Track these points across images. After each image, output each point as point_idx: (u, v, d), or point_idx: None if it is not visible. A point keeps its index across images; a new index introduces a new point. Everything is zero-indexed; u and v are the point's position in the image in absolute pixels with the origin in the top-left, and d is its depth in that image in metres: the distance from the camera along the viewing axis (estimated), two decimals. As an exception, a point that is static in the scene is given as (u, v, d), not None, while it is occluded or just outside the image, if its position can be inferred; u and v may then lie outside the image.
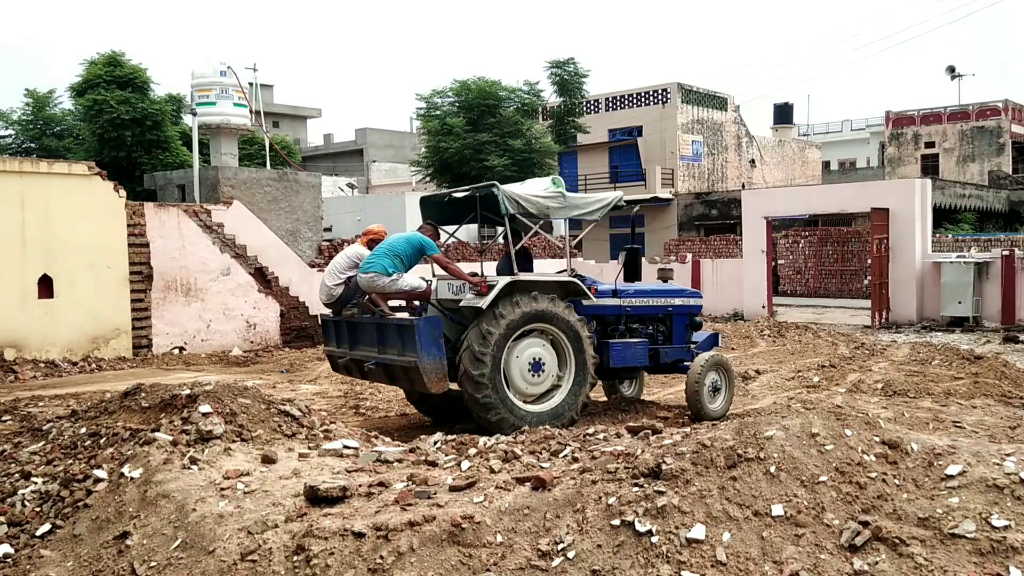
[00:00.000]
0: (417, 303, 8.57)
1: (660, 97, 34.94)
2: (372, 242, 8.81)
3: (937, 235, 25.65)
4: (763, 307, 20.23)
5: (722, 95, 37.49)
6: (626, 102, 35.99)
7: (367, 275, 8.08)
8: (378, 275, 8.01)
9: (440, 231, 9.33)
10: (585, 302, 8.71)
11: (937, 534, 3.29)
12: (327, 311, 9.14)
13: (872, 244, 19.03)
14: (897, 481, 3.48)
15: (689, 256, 23.28)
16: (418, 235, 8.46)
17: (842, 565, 3.15)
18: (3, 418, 7.59)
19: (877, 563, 3.13)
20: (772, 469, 3.43)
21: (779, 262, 28.35)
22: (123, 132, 21.95)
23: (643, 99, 35.52)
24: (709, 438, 3.60)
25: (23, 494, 4.80)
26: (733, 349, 14.78)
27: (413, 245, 8.27)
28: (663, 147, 34.78)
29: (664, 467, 3.53)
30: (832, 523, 3.28)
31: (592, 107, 35.51)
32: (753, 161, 39.40)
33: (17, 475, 5.03)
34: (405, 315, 8.36)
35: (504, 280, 7.97)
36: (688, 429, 4.31)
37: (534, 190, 8.64)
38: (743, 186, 35.97)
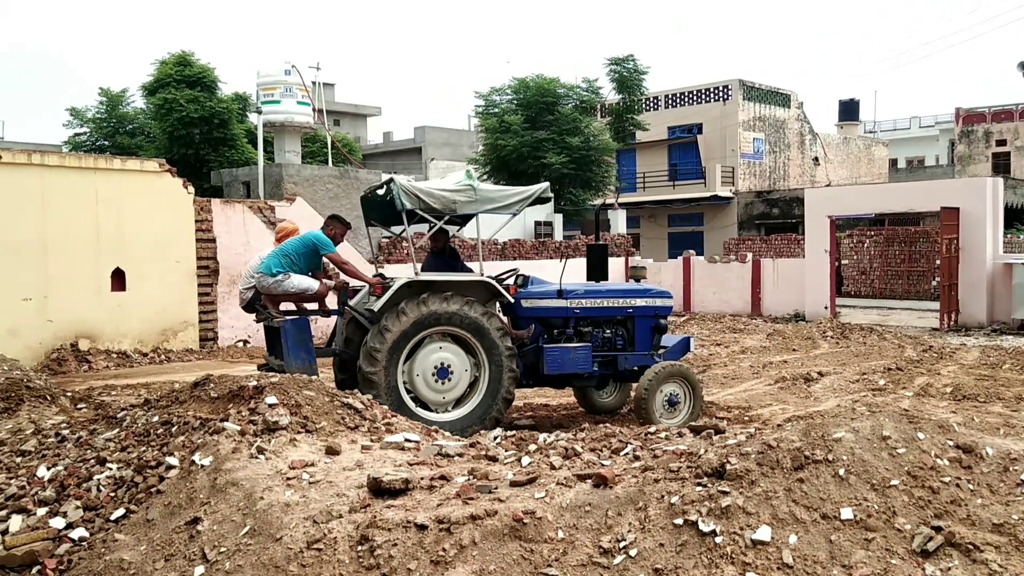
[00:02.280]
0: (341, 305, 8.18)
1: (721, 94, 34.50)
2: (283, 240, 8.47)
3: (1009, 236, 24.86)
4: (825, 308, 19.83)
5: (785, 91, 36.86)
6: (686, 99, 35.62)
7: (256, 275, 7.84)
8: (263, 275, 7.72)
9: (372, 228, 8.84)
10: (525, 303, 8.24)
11: (1012, 540, 3.20)
12: None
13: (941, 244, 18.52)
14: (971, 486, 3.39)
15: (749, 255, 22.95)
16: (315, 233, 8.07)
17: (913, 570, 3.08)
18: (79, 406, 7.85)
19: (950, 569, 3.05)
20: (841, 472, 3.37)
21: (843, 262, 27.78)
22: (192, 130, 22.52)
23: (703, 96, 35.12)
24: (775, 439, 3.55)
25: (98, 479, 4.96)
26: (794, 350, 14.53)
27: (305, 244, 7.92)
28: (723, 145, 34.35)
29: (728, 467, 3.50)
30: (903, 528, 3.21)
31: (651, 104, 35.23)
32: (817, 159, 38.65)
33: (93, 461, 5.20)
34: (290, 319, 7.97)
35: (400, 281, 7.59)
36: (752, 429, 4.26)
37: (441, 184, 8.16)
38: (811, 184, 35.33)
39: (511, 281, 8.66)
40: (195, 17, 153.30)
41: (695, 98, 35.38)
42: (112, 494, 4.80)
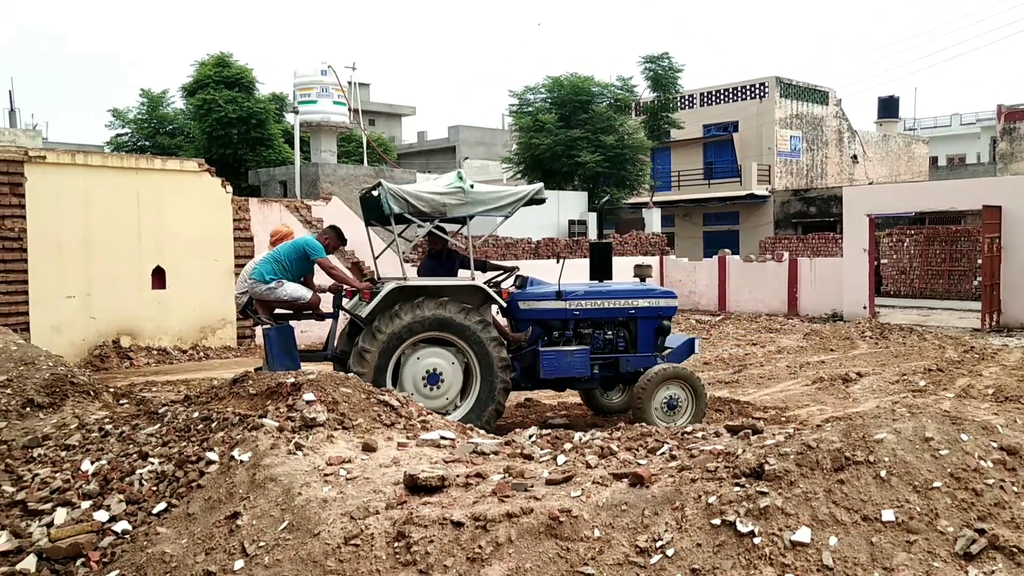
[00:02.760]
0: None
1: (757, 91, 34.16)
2: (278, 244, 8.44)
3: (1054, 234, 24.29)
4: (864, 308, 19.57)
5: (823, 89, 36.41)
6: (722, 97, 35.32)
7: (249, 282, 7.80)
8: (256, 282, 7.70)
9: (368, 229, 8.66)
10: (523, 305, 8.12)
11: (1059, 545, 3.14)
12: None
13: (983, 243, 18.17)
14: (1016, 488, 3.33)
15: (786, 255, 22.71)
16: (306, 239, 8.04)
17: (956, 573, 3.04)
18: (121, 401, 7.99)
19: (994, 572, 3.00)
20: (882, 473, 3.33)
21: (882, 261, 27.37)
22: (230, 130, 22.83)
23: (739, 94, 34.80)
24: (815, 439, 3.51)
25: (140, 474, 5.04)
26: (832, 351, 14.36)
27: (297, 250, 7.89)
28: (760, 143, 34.01)
29: (767, 467, 3.47)
30: (946, 530, 3.16)
31: (686, 102, 35.00)
32: (855, 157, 38.12)
33: (135, 455, 5.29)
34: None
35: (388, 287, 7.51)
36: (791, 430, 4.22)
37: (431, 186, 8.02)
38: (850, 182, 34.87)
39: (509, 283, 8.56)
40: (234, 18, 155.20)
41: (731, 96, 35.07)
42: (154, 488, 4.88)
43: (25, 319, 12.62)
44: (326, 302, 8.26)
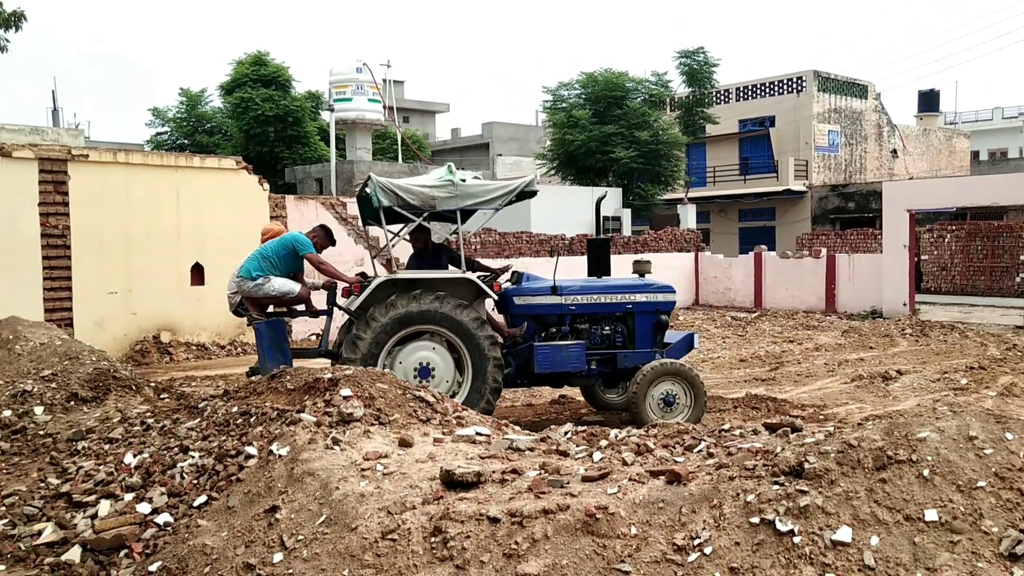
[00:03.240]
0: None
1: (795, 86, 33.74)
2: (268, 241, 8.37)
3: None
4: (904, 305, 19.26)
5: (862, 82, 35.87)
6: (758, 91, 34.95)
7: (237, 279, 7.79)
8: (243, 279, 7.69)
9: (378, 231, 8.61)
10: (518, 300, 8.09)
11: (1108, 548, 3.06)
12: None
13: (1028, 239, 17.80)
14: (1064, 490, 3.26)
15: (823, 251, 22.42)
16: (293, 235, 8.02)
17: (1000, 574, 2.98)
18: (162, 396, 8.12)
19: (1041, 575, 2.94)
20: (925, 472, 3.27)
21: (922, 257, 26.93)
22: (267, 128, 23.07)
23: (776, 88, 34.41)
24: (856, 438, 3.46)
25: (181, 467, 5.12)
26: (871, 348, 14.16)
27: (284, 245, 7.88)
28: (797, 137, 33.61)
29: (807, 466, 3.43)
30: (991, 530, 3.10)
31: (722, 97, 34.69)
32: (895, 151, 37.52)
33: (176, 449, 5.38)
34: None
35: (377, 280, 7.49)
36: (831, 427, 4.16)
37: (421, 180, 7.98)
38: (889, 177, 34.33)
39: (505, 278, 8.52)
40: (271, 17, 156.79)
41: (768, 90, 34.68)
42: (195, 481, 4.96)
43: (69, 315, 12.86)
44: (319, 299, 8.28)
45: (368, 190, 7.74)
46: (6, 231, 12.28)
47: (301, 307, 8.24)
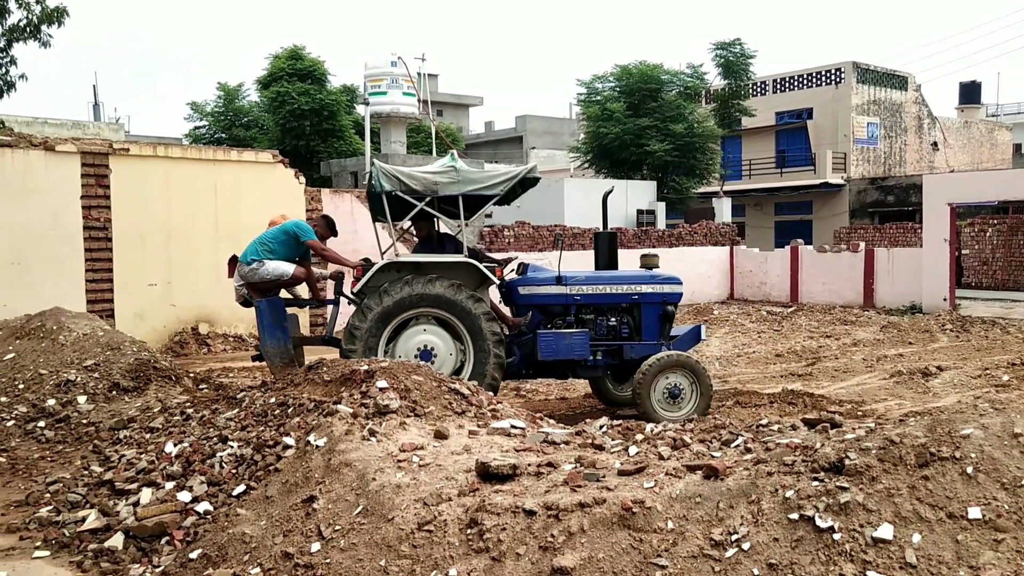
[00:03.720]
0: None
1: (833, 77, 33.26)
2: None
3: None
4: (944, 300, 18.94)
5: (902, 74, 35.27)
6: (795, 83, 34.50)
7: (238, 265, 7.90)
8: (241, 264, 7.79)
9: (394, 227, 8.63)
10: (522, 290, 8.08)
11: None
12: None
13: (1074, 233, 17.40)
14: (1113, 489, 3.19)
15: (862, 245, 22.09)
16: (295, 221, 8.10)
17: (1047, 576, 2.93)
18: (200, 386, 8.24)
19: (1089, 576, 2.88)
20: (969, 470, 3.22)
21: (963, 252, 26.44)
22: (303, 122, 23.24)
23: (814, 80, 33.94)
24: (898, 434, 3.41)
25: (221, 456, 5.20)
26: (910, 344, 13.94)
27: (285, 231, 7.94)
28: (835, 130, 33.14)
29: (847, 462, 3.38)
30: (1037, 530, 3.04)
31: (759, 89, 34.27)
32: (936, 144, 36.86)
33: (215, 439, 5.46)
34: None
35: (379, 264, 7.55)
36: (872, 424, 4.11)
37: (424, 168, 8.01)
38: (930, 170, 33.74)
39: (510, 269, 8.51)
40: (307, 12, 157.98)
41: (805, 82, 34.22)
42: (233, 471, 5.03)
43: (110, 306, 13.09)
44: (317, 287, 8.36)
45: (371, 176, 7.83)
46: (50, 224, 12.52)
47: (307, 295, 8.33)
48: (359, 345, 7.35)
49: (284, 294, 8.36)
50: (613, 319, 8.31)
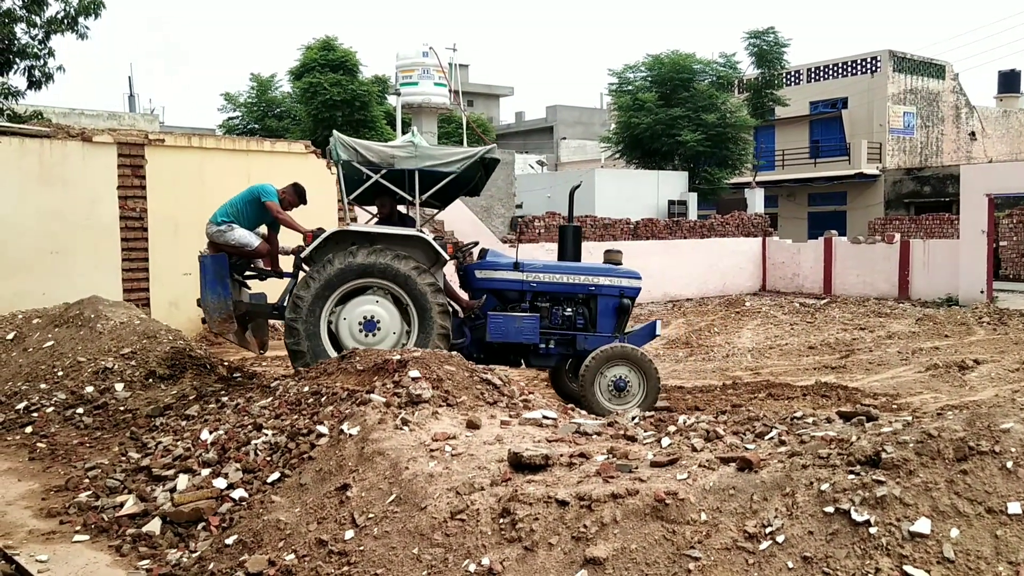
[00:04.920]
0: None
1: (869, 66, 32.76)
2: None
3: None
4: (981, 292, 18.64)
5: (940, 62, 34.65)
6: (830, 72, 34.03)
7: (207, 222, 8.00)
8: (210, 223, 7.89)
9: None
10: (479, 274, 8.08)
11: None
12: None
13: (1117, 225, 17.02)
14: None
15: (897, 236, 21.79)
16: (260, 184, 8.15)
17: (1089, 573, 2.87)
18: (234, 375, 8.33)
19: None
20: (1009, 464, 3.17)
21: (1001, 243, 25.97)
22: (334, 112, 23.34)
23: (849, 68, 33.45)
24: (936, 428, 3.37)
25: (255, 444, 5.26)
26: (946, 336, 13.74)
27: (251, 193, 8.02)
28: (870, 119, 32.66)
29: (884, 456, 3.34)
30: (1079, 526, 2.99)
31: (792, 78, 33.87)
32: (973, 134, 36.20)
33: (250, 427, 5.52)
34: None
35: (329, 231, 7.57)
36: (908, 417, 4.06)
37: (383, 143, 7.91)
38: (967, 160, 33.14)
39: (470, 251, 8.51)
40: (338, 1, 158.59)
41: (840, 71, 33.74)
42: (268, 458, 5.09)
43: (146, 295, 13.26)
44: (285, 263, 8.40)
45: (330, 146, 7.84)
46: (87, 214, 12.70)
47: (262, 265, 8.37)
48: (302, 315, 7.34)
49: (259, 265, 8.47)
50: (569, 309, 8.30)
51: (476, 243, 8.77)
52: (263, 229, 8.29)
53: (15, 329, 9.31)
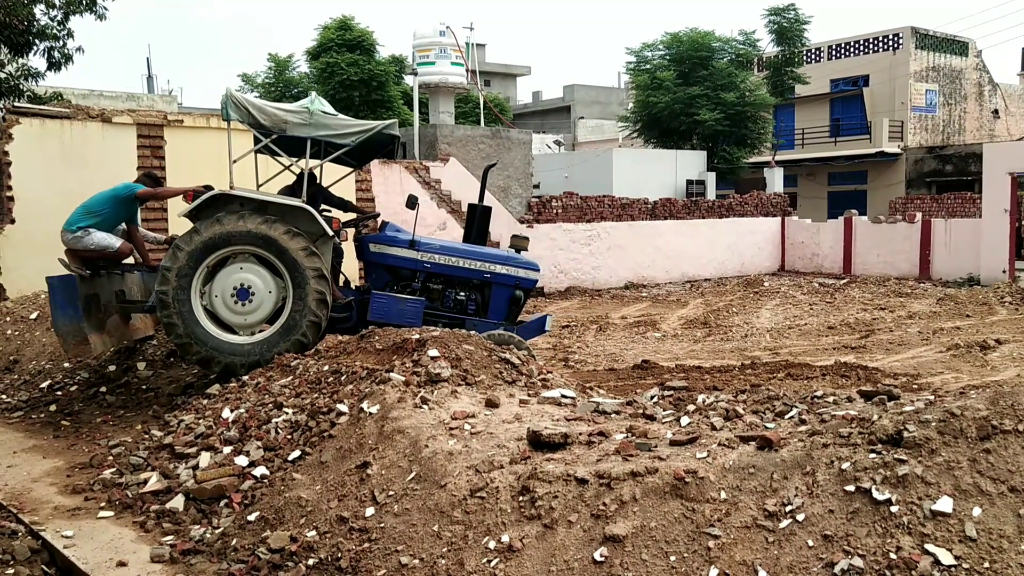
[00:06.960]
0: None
1: (890, 43, 32.29)
2: None
3: None
4: (1004, 272, 18.45)
5: (963, 39, 34.09)
6: (851, 49, 33.56)
7: (61, 232, 7.57)
8: (64, 231, 7.50)
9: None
10: (373, 248, 7.88)
11: None
12: None
13: None
14: None
15: (918, 215, 21.57)
16: (123, 184, 7.81)
17: (1114, 552, 2.86)
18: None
19: None
20: (1033, 443, 3.15)
21: (1023, 223, 25.67)
22: (352, 92, 23.31)
23: (871, 46, 32.98)
24: (959, 406, 3.34)
25: (276, 422, 5.30)
26: (968, 316, 13.62)
27: (115, 193, 7.68)
28: (892, 97, 32.22)
29: (906, 435, 3.33)
30: (1104, 506, 2.97)
31: (812, 56, 33.44)
32: (996, 111, 35.68)
33: (271, 405, 5.56)
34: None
35: (212, 192, 7.22)
36: (930, 396, 4.03)
37: (279, 104, 7.64)
38: (990, 138, 32.69)
39: (366, 224, 8.37)
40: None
41: (861, 48, 33.27)
42: (289, 437, 5.13)
43: (166, 275, 13.36)
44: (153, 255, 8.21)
45: (220, 102, 7.57)
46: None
47: (130, 260, 8.13)
48: (170, 287, 6.96)
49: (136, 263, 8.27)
50: (462, 293, 8.16)
51: (377, 214, 8.47)
52: (123, 227, 8.00)
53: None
